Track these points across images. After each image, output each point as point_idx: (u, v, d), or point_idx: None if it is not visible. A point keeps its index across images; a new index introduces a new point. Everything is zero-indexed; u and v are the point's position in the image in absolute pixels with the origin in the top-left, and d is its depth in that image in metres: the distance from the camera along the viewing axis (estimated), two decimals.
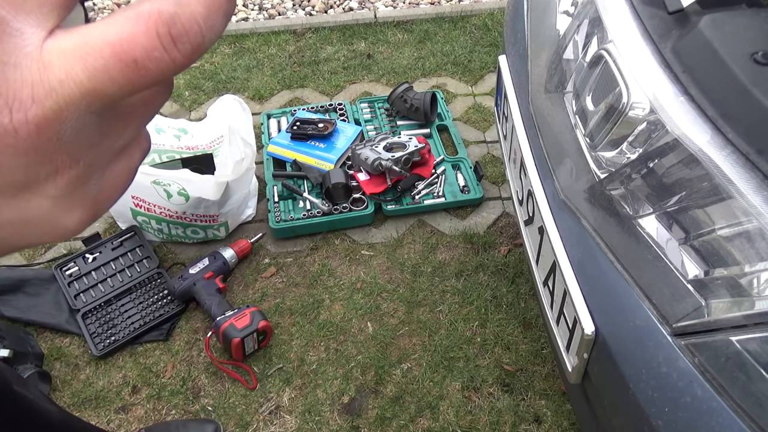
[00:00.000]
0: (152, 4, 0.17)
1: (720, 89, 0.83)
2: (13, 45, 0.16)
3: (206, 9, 0.18)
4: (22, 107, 0.16)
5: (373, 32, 2.78)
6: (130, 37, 0.17)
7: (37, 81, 0.16)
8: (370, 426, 1.50)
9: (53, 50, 0.17)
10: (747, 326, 0.72)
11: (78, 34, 0.17)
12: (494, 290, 1.77)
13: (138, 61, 0.17)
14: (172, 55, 0.17)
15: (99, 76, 0.17)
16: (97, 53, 0.16)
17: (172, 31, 0.17)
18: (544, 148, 1.15)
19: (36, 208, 0.18)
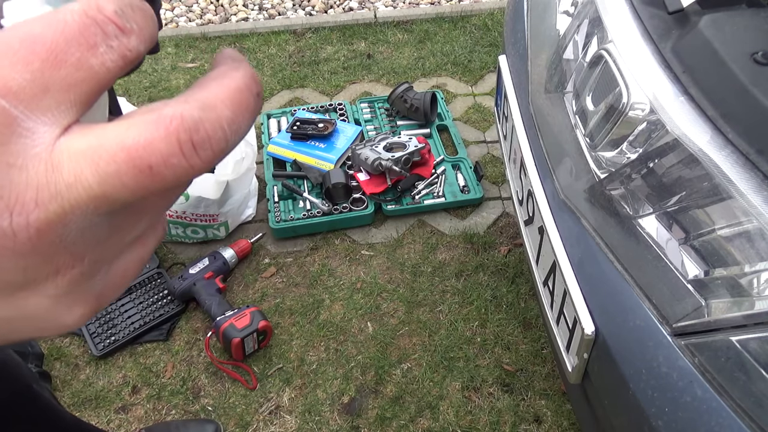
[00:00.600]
0: (175, 108, 0.17)
1: (720, 89, 0.83)
2: (22, 146, 0.15)
3: (233, 112, 0.17)
4: (24, 211, 0.15)
5: (373, 32, 2.78)
6: (148, 142, 0.16)
7: (42, 184, 0.16)
8: (370, 426, 1.50)
9: (64, 150, 0.16)
10: (747, 326, 0.72)
11: (93, 134, 0.16)
12: (494, 290, 1.77)
13: (153, 168, 0.16)
14: (191, 161, 0.17)
15: (110, 181, 0.16)
16: (110, 157, 0.16)
17: (194, 137, 0.16)
18: (544, 148, 1.15)
19: (34, 306, 0.18)
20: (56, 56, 0.16)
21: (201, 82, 0.18)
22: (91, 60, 0.16)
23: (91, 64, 0.16)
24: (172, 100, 0.17)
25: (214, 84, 0.18)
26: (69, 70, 0.16)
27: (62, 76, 0.16)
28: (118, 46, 0.17)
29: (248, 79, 0.18)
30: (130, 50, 0.17)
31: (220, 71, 0.19)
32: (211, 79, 0.18)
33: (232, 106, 0.17)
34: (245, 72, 0.19)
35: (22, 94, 0.15)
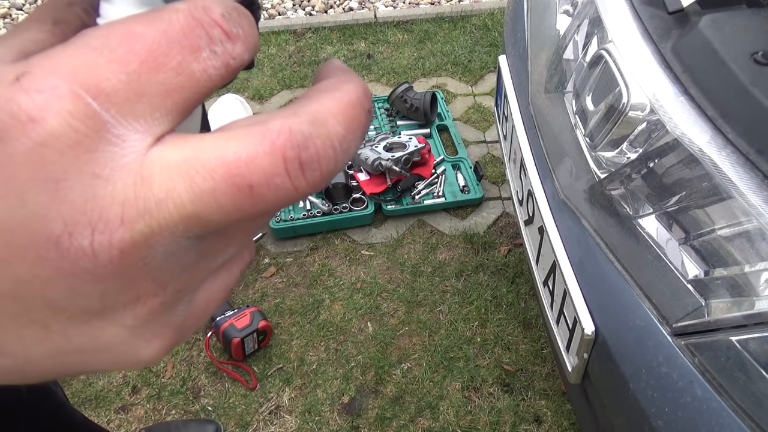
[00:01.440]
0: (283, 121, 0.15)
1: (720, 89, 0.83)
2: (110, 154, 0.14)
3: (345, 129, 0.16)
4: (107, 229, 0.14)
5: (373, 32, 2.78)
6: (250, 158, 0.14)
7: (130, 199, 0.14)
8: (370, 426, 1.50)
9: (156, 162, 0.14)
10: (747, 326, 0.72)
11: (189, 145, 0.14)
12: (494, 290, 1.77)
13: (254, 188, 0.14)
14: (296, 183, 0.15)
15: (205, 199, 0.14)
16: (207, 172, 0.14)
17: (302, 155, 0.15)
18: (544, 148, 1.15)
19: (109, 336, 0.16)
20: (156, 58, 0.14)
21: (310, 93, 0.17)
22: (192, 65, 0.15)
23: (192, 69, 0.15)
24: (280, 111, 0.15)
25: (325, 96, 0.16)
26: (168, 75, 0.14)
27: (160, 80, 0.14)
28: (222, 53, 0.15)
29: (361, 94, 0.17)
30: (234, 58, 0.15)
31: (331, 83, 0.17)
32: (322, 91, 0.17)
33: (345, 122, 0.16)
34: (357, 85, 0.17)
35: (115, 97, 0.14)
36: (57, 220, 0.13)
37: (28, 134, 0.13)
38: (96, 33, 0.14)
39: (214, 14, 0.15)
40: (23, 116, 0.13)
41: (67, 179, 0.13)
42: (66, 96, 0.13)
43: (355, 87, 0.17)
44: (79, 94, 0.13)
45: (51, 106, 0.13)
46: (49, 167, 0.13)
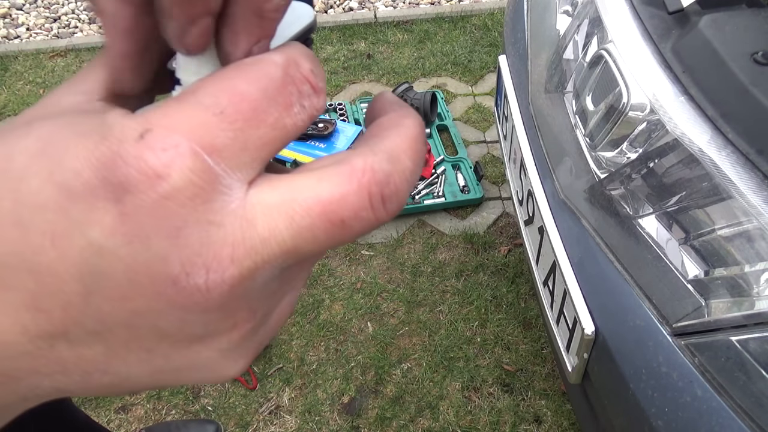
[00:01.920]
0: (365, 160, 0.17)
1: (720, 89, 0.83)
2: (221, 203, 0.15)
3: (413, 163, 0.18)
4: (220, 268, 0.15)
5: (373, 32, 2.78)
6: (342, 196, 0.16)
7: (239, 240, 0.16)
8: (370, 426, 1.50)
9: (257, 205, 0.16)
10: (747, 326, 0.72)
11: (284, 187, 0.16)
12: (494, 290, 1.77)
13: (345, 222, 0.16)
14: (378, 215, 0.17)
15: (303, 234, 0.16)
16: (305, 211, 0.16)
17: (384, 191, 0.17)
18: (544, 148, 1.15)
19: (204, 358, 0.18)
20: (258, 116, 0.16)
21: (377, 130, 0.19)
22: (285, 119, 0.17)
23: (285, 123, 0.17)
24: (357, 149, 0.17)
25: (393, 133, 0.18)
26: (266, 130, 0.16)
27: (260, 134, 0.16)
28: (309, 106, 0.17)
29: (420, 128, 0.19)
30: (317, 110, 0.17)
31: (392, 119, 0.19)
32: (388, 128, 0.19)
33: (413, 156, 0.18)
34: (415, 119, 0.19)
35: (225, 152, 0.15)
36: (176, 262, 0.15)
37: (155, 189, 0.15)
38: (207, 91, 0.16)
39: (305, 70, 0.17)
40: (150, 172, 0.15)
41: (186, 227, 0.15)
42: (187, 154, 0.15)
43: (414, 121, 0.19)
44: (197, 152, 0.15)
45: (175, 164, 0.15)
46: (172, 217, 0.15)
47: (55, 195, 0.15)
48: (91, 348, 0.16)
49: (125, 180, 0.15)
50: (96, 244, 0.15)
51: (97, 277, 0.15)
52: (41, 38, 2.94)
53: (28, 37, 2.96)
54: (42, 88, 2.58)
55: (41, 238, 0.15)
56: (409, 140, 0.18)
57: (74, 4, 3.16)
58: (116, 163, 0.15)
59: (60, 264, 0.15)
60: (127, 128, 0.15)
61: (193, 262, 0.15)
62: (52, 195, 0.15)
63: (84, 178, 0.15)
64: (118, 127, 0.15)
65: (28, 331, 0.15)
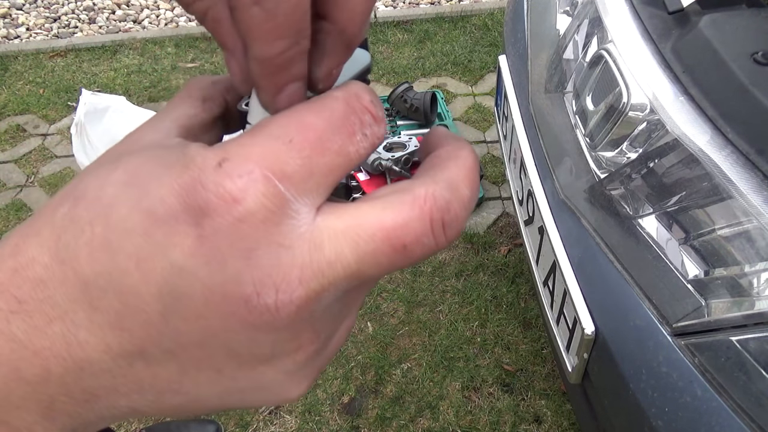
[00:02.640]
0: (427, 188, 0.18)
1: (720, 89, 0.83)
2: (290, 226, 0.16)
3: (470, 191, 0.19)
4: (289, 288, 0.16)
5: (373, 32, 2.78)
6: (405, 222, 0.17)
7: (306, 263, 0.16)
8: (370, 426, 1.50)
9: (324, 230, 0.17)
10: (747, 326, 0.72)
11: (349, 215, 0.17)
12: (494, 290, 1.77)
13: (407, 247, 0.17)
14: (439, 240, 0.18)
15: (367, 259, 0.17)
16: (369, 237, 0.17)
17: (445, 218, 0.17)
18: (544, 148, 1.15)
19: (269, 380, 0.19)
20: (323, 144, 0.17)
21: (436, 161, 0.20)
22: (349, 147, 0.18)
23: (349, 151, 0.18)
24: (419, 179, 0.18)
25: (451, 164, 0.19)
26: (331, 157, 0.17)
27: (325, 161, 0.17)
28: (371, 135, 0.18)
29: (475, 159, 0.20)
30: (378, 138, 0.19)
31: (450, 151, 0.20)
32: (447, 159, 0.20)
33: (470, 185, 0.19)
34: (470, 152, 0.20)
35: (295, 178, 0.16)
36: (249, 283, 0.16)
37: (231, 212, 0.16)
38: (277, 123, 0.17)
39: (365, 101, 0.18)
40: (228, 197, 0.16)
41: (258, 248, 0.16)
42: (260, 180, 0.16)
43: (469, 153, 0.20)
44: (269, 178, 0.16)
45: (249, 189, 0.16)
46: (246, 239, 0.16)
47: (141, 220, 0.16)
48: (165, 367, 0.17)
49: (204, 204, 0.16)
50: (177, 266, 0.16)
51: (176, 297, 0.16)
52: (41, 38, 2.94)
53: (28, 37, 2.96)
54: (42, 87, 2.58)
55: (127, 261, 0.16)
56: (466, 170, 0.19)
57: (74, 4, 3.16)
58: (197, 189, 0.16)
59: (143, 285, 0.16)
60: (207, 158, 0.16)
61: (264, 282, 0.16)
62: (138, 220, 0.16)
63: (168, 204, 0.16)
64: (199, 158, 0.16)
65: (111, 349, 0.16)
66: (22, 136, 2.36)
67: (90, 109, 2.07)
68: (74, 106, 2.34)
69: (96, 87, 2.52)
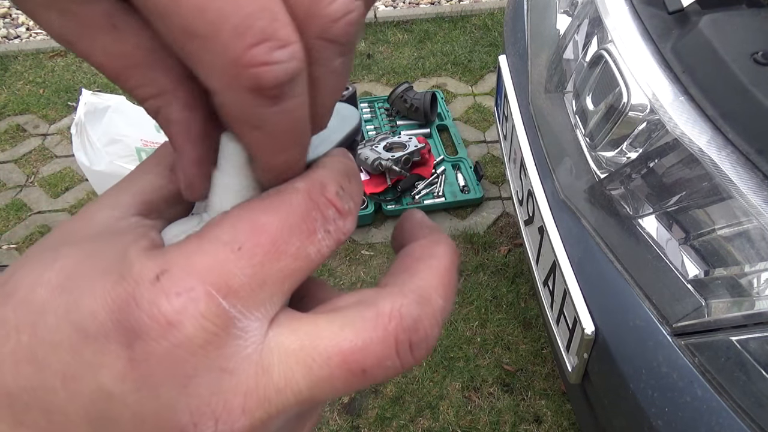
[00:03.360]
0: (393, 303, 0.16)
1: (720, 89, 0.83)
2: (236, 347, 0.15)
3: (445, 300, 0.17)
4: (230, 420, 0.15)
5: (373, 32, 2.78)
6: (365, 344, 0.15)
7: (252, 389, 0.15)
8: (370, 426, 1.50)
9: (274, 350, 0.15)
10: (747, 326, 0.72)
11: (304, 331, 0.15)
12: (494, 290, 1.77)
13: (367, 371, 0.15)
14: (404, 361, 0.16)
15: (321, 385, 0.15)
16: (324, 361, 0.15)
17: (412, 338, 0.16)
18: (544, 148, 1.15)
19: None
20: (278, 248, 0.15)
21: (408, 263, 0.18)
22: (309, 248, 0.16)
23: (309, 252, 0.16)
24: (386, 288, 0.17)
25: (424, 268, 0.17)
26: (288, 261, 0.15)
27: (280, 267, 0.15)
28: (334, 231, 0.16)
29: (453, 255, 0.18)
30: (344, 234, 0.17)
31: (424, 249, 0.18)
32: (419, 260, 0.18)
33: (445, 293, 0.17)
34: (448, 247, 0.18)
35: (242, 292, 0.15)
36: (184, 412, 0.14)
37: (166, 337, 0.14)
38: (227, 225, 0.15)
39: (330, 193, 0.16)
40: (162, 320, 0.14)
41: (196, 375, 0.14)
42: (201, 298, 0.14)
43: (447, 250, 0.18)
44: (212, 295, 0.14)
45: (188, 311, 0.14)
46: (182, 365, 0.14)
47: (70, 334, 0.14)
48: None
49: (137, 325, 0.14)
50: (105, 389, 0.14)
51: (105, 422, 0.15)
52: (41, 38, 2.94)
53: (28, 37, 2.96)
54: (42, 88, 2.58)
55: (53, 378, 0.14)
56: (441, 275, 0.17)
57: None
58: (130, 307, 0.14)
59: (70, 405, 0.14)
60: (145, 268, 0.15)
61: (202, 411, 0.15)
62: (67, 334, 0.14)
63: (99, 321, 0.14)
64: (137, 267, 0.15)
65: None
66: (22, 136, 2.36)
67: (90, 109, 2.07)
68: (74, 106, 2.34)
69: (96, 87, 2.52)
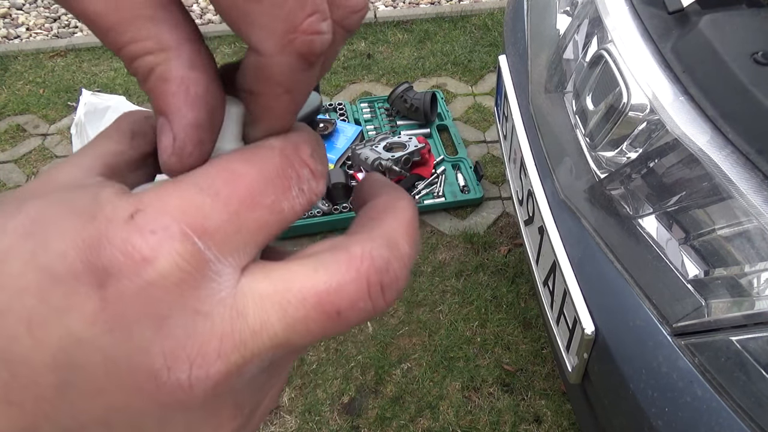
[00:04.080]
0: (363, 246, 0.16)
1: (720, 89, 0.83)
2: (210, 290, 0.15)
3: (410, 247, 0.17)
4: (205, 363, 0.14)
5: (373, 32, 2.78)
6: (339, 285, 0.15)
7: (227, 332, 0.15)
8: (370, 426, 1.50)
9: (249, 294, 0.15)
10: (747, 326, 0.72)
11: (278, 275, 0.16)
12: (494, 290, 1.77)
13: (341, 313, 0.15)
14: (377, 304, 0.16)
15: (296, 327, 0.15)
16: (299, 303, 0.15)
17: (384, 279, 0.16)
18: (544, 148, 1.15)
19: None
20: (253, 198, 0.15)
21: (373, 214, 0.18)
22: (283, 203, 0.16)
23: (283, 207, 0.16)
24: (355, 235, 0.17)
25: (389, 217, 0.18)
26: (262, 213, 0.16)
27: (255, 217, 0.15)
28: (308, 190, 0.17)
29: (414, 210, 0.19)
30: (316, 194, 0.17)
31: (387, 202, 0.19)
32: (384, 211, 0.18)
33: (410, 240, 0.17)
34: (409, 201, 0.19)
35: (217, 235, 0.15)
36: (158, 355, 0.14)
37: (140, 274, 0.14)
38: (204, 172, 0.16)
39: (304, 154, 0.17)
40: (137, 256, 0.14)
41: (171, 316, 0.14)
42: (176, 237, 0.14)
43: (409, 203, 0.19)
44: (187, 234, 0.14)
45: (162, 248, 0.14)
46: (156, 305, 0.14)
47: (37, 279, 0.14)
48: None
49: (109, 264, 0.14)
50: (75, 334, 0.14)
51: (74, 369, 0.14)
52: (41, 38, 2.94)
53: (28, 37, 2.96)
54: (42, 87, 2.57)
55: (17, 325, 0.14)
56: (406, 224, 0.18)
57: None
58: (102, 245, 0.14)
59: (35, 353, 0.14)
60: (118, 208, 0.14)
61: (176, 355, 0.14)
62: (33, 279, 0.14)
63: (68, 262, 0.14)
64: (110, 207, 0.15)
65: None
66: (22, 136, 2.36)
67: (90, 109, 2.07)
68: (74, 106, 2.34)
69: (96, 87, 2.52)
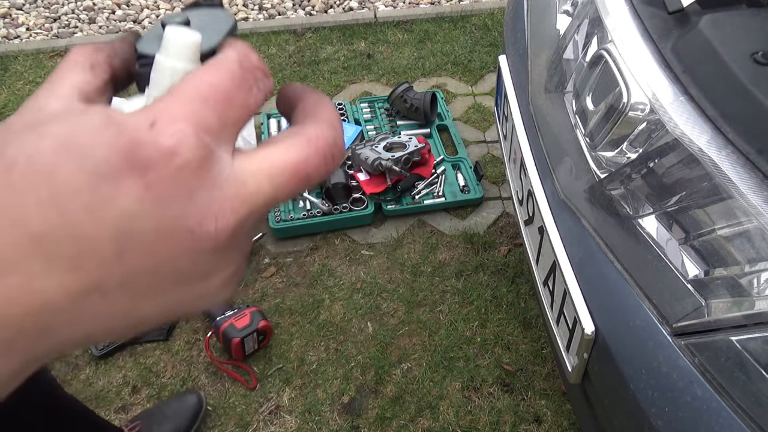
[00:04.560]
0: (316, 129, 0.23)
1: (720, 89, 0.83)
2: (218, 170, 0.20)
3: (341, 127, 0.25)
4: (224, 217, 0.20)
5: (373, 32, 2.78)
6: (306, 158, 0.22)
7: (234, 195, 0.20)
8: (370, 426, 1.50)
9: (245, 171, 0.21)
10: (747, 326, 0.72)
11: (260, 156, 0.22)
12: (494, 290, 1.77)
13: (309, 176, 0.22)
14: (329, 167, 0.23)
15: (282, 188, 0.22)
16: (280, 171, 0.22)
17: (334, 151, 0.23)
18: (544, 148, 1.15)
19: (206, 291, 0.22)
20: (230, 99, 0.21)
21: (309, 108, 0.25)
22: (249, 100, 0.22)
23: (249, 103, 0.22)
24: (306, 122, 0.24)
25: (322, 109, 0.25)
26: (238, 110, 0.22)
27: (234, 114, 0.21)
28: (263, 87, 0.23)
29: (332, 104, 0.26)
30: (269, 89, 0.23)
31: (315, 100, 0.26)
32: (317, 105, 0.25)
33: (338, 123, 0.25)
34: (328, 99, 0.26)
35: (214, 131, 0.20)
36: (192, 217, 0.20)
37: (172, 163, 0.19)
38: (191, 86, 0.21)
39: (255, 61, 0.23)
40: (167, 151, 0.19)
41: (197, 189, 0.20)
42: (190, 134, 0.20)
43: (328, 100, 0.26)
44: (197, 132, 0.20)
45: (183, 143, 0.19)
46: (186, 183, 0.19)
47: (88, 180, 0.18)
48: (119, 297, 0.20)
49: (146, 159, 0.19)
50: (127, 211, 0.18)
51: (129, 236, 0.19)
52: (41, 38, 2.94)
53: (28, 37, 2.96)
54: None
55: (78, 213, 0.18)
56: (332, 112, 0.25)
57: (74, 4, 3.15)
58: (137, 147, 0.19)
59: (97, 230, 0.18)
60: (139, 120, 0.19)
61: (205, 215, 0.20)
62: (85, 181, 0.18)
63: (111, 163, 0.18)
64: (131, 120, 0.19)
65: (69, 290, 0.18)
66: None
67: None
68: None
69: None
